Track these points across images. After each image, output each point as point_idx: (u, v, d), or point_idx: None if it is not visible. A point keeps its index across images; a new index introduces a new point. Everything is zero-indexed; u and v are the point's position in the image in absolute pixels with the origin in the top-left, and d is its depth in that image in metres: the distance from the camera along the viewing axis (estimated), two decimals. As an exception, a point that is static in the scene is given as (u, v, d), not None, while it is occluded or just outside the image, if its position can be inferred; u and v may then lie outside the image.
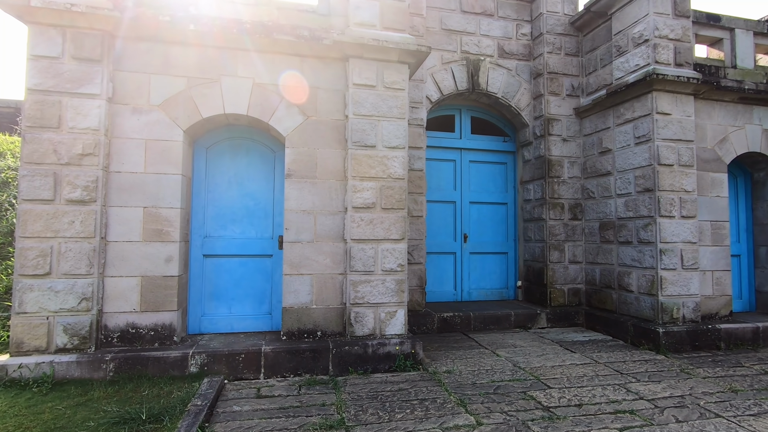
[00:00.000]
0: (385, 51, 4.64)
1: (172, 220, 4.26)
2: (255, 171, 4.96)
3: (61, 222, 3.92)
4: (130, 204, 4.18)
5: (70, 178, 3.95)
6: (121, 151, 4.19)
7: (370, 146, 4.64)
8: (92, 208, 3.99)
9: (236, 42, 4.41)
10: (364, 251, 4.57)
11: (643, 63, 5.68)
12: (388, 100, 4.71)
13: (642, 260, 5.65)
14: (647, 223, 5.58)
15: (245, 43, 4.43)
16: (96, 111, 4.03)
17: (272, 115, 4.55)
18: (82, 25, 4.00)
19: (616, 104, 6.12)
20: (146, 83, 4.28)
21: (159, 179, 4.25)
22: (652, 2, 5.61)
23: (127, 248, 4.16)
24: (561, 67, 6.83)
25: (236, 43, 4.42)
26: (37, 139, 3.92)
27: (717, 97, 5.92)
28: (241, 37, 4.36)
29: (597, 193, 6.49)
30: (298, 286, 4.51)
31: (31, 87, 3.92)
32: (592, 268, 6.60)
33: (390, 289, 4.61)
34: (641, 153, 5.71)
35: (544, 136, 6.74)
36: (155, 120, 4.28)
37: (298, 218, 4.54)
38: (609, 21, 6.38)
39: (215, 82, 4.43)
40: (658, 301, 5.40)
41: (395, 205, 4.66)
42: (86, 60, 4.03)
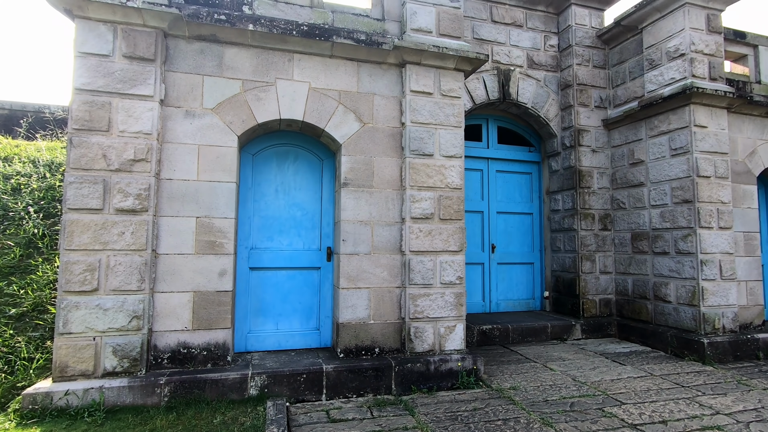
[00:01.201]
0: (443, 58, 4.53)
1: (225, 231, 4.00)
2: (302, 179, 4.74)
3: (110, 233, 3.60)
4: (182, 214, 3.89)
5: (121, 186, 3.65)
6: (173, 156, 3.91)
7: (428, 155, 4.51)
8: (144, 218, 3.69)
9: (294, 44, 4.22)
10: (423, 263, 4.41)
11: (680, 76, 5.78)
12: (445, 108, 4.60)
13: (681, 271, 5.69)
14: (686, 234, 5.63)
15: (303, 46, 4.24)
16: (148, 114, 3.75)
17: (328, 121, 4.36)
18: (136, 22, 3.73)
19: (650, 116, 6.21)
20: (199, 85, 4.03)
21: (213, 187, 3.99)
22: (688, 18, 5.74)
23: (178, 261, 3.86)
24: (589, 79, 6.90)
25: (294, 45, 4.23)
26: (85, 143, 3.61)
27: (747, 111, 6.08)
28: (299, 40, 4.18)
29: (628, 203, 6.55)
30: (356, 300, 4.29)
31: (79, 87, 3.62)
32: (623, 279, 6.62)
33: (449, 303, 4.46)
34: (678, 165, 5.78)
35: (575, 147, 6.77)
36: (209, 124, 4.02)
37: (355, 229, 4.35)
38: (639, 35, 6.49)
39: (271, 86, 4.22)
40: (700, 312, 5.44)
41: (453, 215, 4.53)
42: (139, 59, 3.76)
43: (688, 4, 5.73)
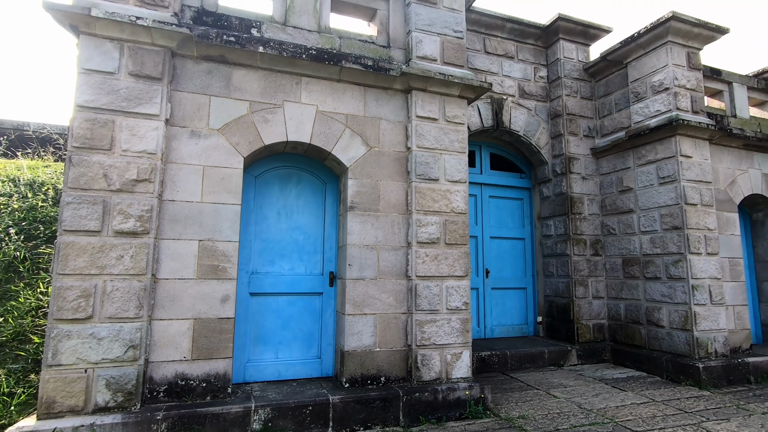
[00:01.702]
0: (448, 85, 4.62)
1: (229, 255, 3.85)
2: (305, 203, 4.65)
3: (108, 257, 3.41)
4: (184, 236, 3.73)
5: (122, 207, 3.48)
6: (176, 177, 3.78)
7: (434, 179, 4.52)
8: (145, 240, 3.51)
9: (302, 67, 4.22)
10: (429, 289, 4.35)
11: (665, 109, 6.08)
12: (450, 134, 4.66)
13: (673, 296, 5.83)
14: (677, 260, 5.80)
15: (311, 69, 4.25)
16: (153, 133, 3.64)
17: (335, 144, 4.33)
18: (145, 41, 3.66)
19: (637, 146, 6.47)
20: (206, 105, 3.95)
21: (217, 210, 3.86)
22: (671, 55, 6.09)
23: (179, 287, 3.67)
24: (578, 110, 7.17)
25: (302, 68, 4.23)
26: (85, 162, 3.44)
27: (726, 143, 6.42)
28: (308, 63, 4.18)
29: (618, 229, 6.72)
30: (361, 327, 4.17)
31: (81, 104, 3.48)
32: (615, 304, 6.72)
33: (455, 329, 4.39)
34: (666, 192, 6.00)
35: (566, 174, 6.95)
36: (214, 145, 3.92)
37: (361, 253, 4.27)
38: (624, 69, 6.83)
39: (278, 108, 4.18)
40: (693, 336, 5.55)
41: (459, 240, 4.52)
42: (146, 78, 3.66)
43: (670, 42, 6.10)
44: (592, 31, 7.31)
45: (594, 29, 7.28)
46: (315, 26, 4.45)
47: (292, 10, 4.38)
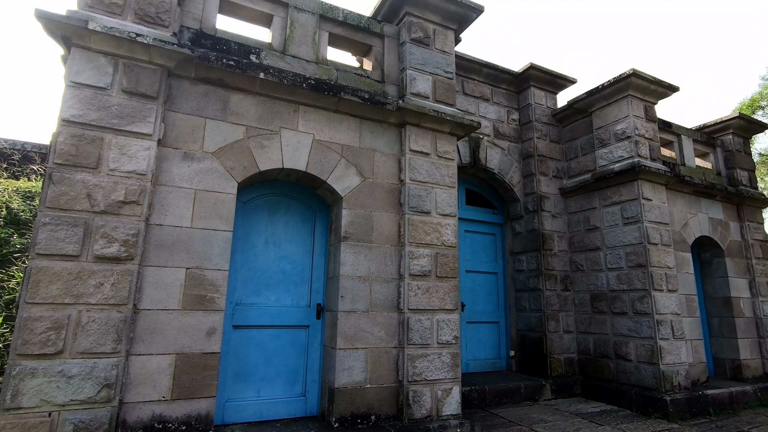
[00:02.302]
0: (440, 122, 4.78)
1: (218, 284, 3.63)
2: (294, 231, 4.53)
3: (86, 284, 3.10)
4: (170, 264, 3.49)
5: (106, 230, 3.21)
6: (166, 200, 3.57)
7: (426, 212, 4.58)
8: (128, 267, 3.25)
9: (301, 96, 4.21)
10: (421, 322, 4.30)
11: (627, 155, 6.60)
12: (441, 168, 4.77)
13: (640, 330, 6.13)
14: (642, 296, 6.14)
15: (310, 99, 4.25)
16: (145, 153, 3.44)
17: (331, 173, 4.30)
18: (142, 58, 3.52)
19: (602, 188, 6.93)
20: (201, 128, 3.81)
21: (207, 236, 3.66)
22: (631, 107, 6.69)
23: (161, 318, 3.39)
24: (547, 152, 7.62)
25: (300, 97, 4.22)
26: (68, 180, 3.18)
27: (679, 189, 7.03)
28: (307, 92, 4.19)
29: (586, 266, 7.06)
30: (352, 362, 4.02)
31: (68, 118, 3.25)
32: (584, 338, 6.95)
33: (446, 364, 4.34)
34: (631, 232, 6.43)
35: (537, 212, 7.28)
36: (208, 168, 3.77)
37: (354, 285, 4.18)
38: (589, 117, 7.40)
39: (275, 134, 4.11)
40: (660, 370, 5.82)
41: (449, 273, 4.55)
42: (140, 95, 3.50)
43: (631, 95, 6.71)
44: (559, 80, 7.90)
45: (561, 79, 7.88)
46: (313, 57, 4.50)
47: (292, 40, 4.42)
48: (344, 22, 4.75)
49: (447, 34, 5.20)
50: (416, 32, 4.95)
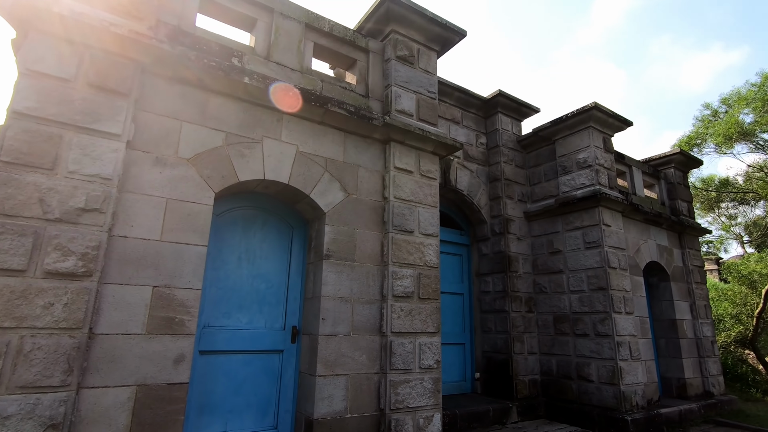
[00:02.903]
0: (424, 140, 4.74)
1: (189, 305, 3.25)
2: (269, 248, 4.22)
3: (32, 305, 2.63)
4: (134, 281, 3.07)
5: (61, 241, 2.77)
6: (132, 210, 3.17)
7: (409, 231, 4.46)
8: (85, 285, 2.81)
9: (286, 104, 3.99)
10: (404, 346, 4.12)
11: (589, 183, 6.94)
12: (424, 187, 4.71)
13: (601, 352, 6.33)
14: (603, 318, 6.38)
15: (295, 108, 4.04)
16: (111, 155, 3.05)
17: (314, 187, 4.08)
18: (113, 50, 3.15)
19: (565, 213, 7.21)
20: (176, 131, 3.47)
21: (178, 251, 3.28)
22: (592, 138, 7.08)
23: (121, 344, 2.95)
24: (513, 176, 7.86)
25: (286, 105, 4.00)
26: (16, 182, 2.72)
27: (632, 216, 7.49)
28: (293, 101, 3.97)
29: (549, 288, 7.25)
30: (333, 390, 3.74)
31: (21, 110, 2.81)
32: (547, 359, 7.08)
33: (428, 390, 4.17)
34: (592, 256, 6.70)
35: (504, 234, 7.42)
36: (182, 176, 3.41)
37: (335, 306, 3.93)
38: (552, 145, 7.74)
39: (257, 143, 3.84)
40: (620, 390, 6.02)
41: (431, 294, 4.44)
42: (109, 91, 3.12)
43: (591, 127, 7.11)
44: (524, 109, 8.24)
45: (526, 107, 8.22)
46: (298, 66, 4.31)
47: (276, 46, 4.21)
48: (330, 33, 4.62)
49: (430, 55, 5.22)
50: (402, 50, 4.92)
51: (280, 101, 3.94)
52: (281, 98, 3.93)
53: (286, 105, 3.99)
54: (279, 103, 3.95)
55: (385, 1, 4.73)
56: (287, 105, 4.00)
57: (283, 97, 3.92)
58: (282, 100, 3.94)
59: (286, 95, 3.90)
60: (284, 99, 3.94)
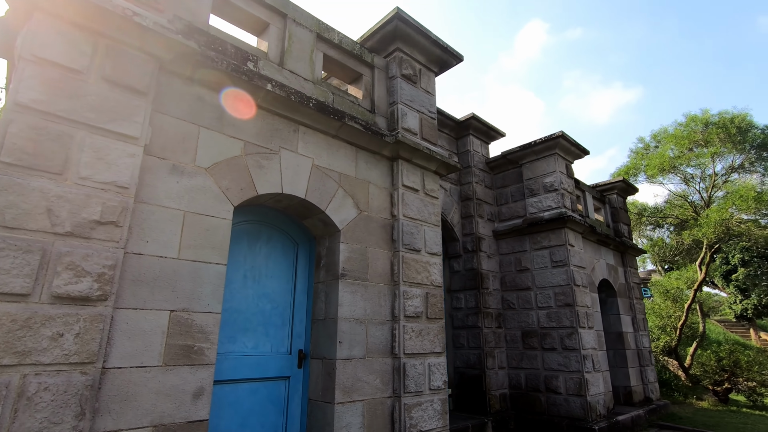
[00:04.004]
0: (429, 159, 4.77)
1: (208, 331, 2.91)
2: (275, 266, 3.95)
3: (37, 336, 2.19)
4: (150, 305, 2.69)
5: (74, 259, 2.35)
6: (147, 223, 2.79)
7: (417, 250, 4.43)
8: (100, 311, 2.40)
9: (303, 116, 3.80)
10: (415, 367, 4.05)
11: (555, 206, 7.44)
12: (428, 206, 4.72)
13: (568, 365, 6.72)
14: (570, 333, 6.80)
15: (311, 120, 3.86)
16: (128, 160, 2.68)
17: (329, 203, 3.91)
18: (132, 42, 2.79)
19: (533, 233, 7.63)
20: (194, 137, 3.14)
21: (197, 270, 2.94)
22: (557, 164, 7.62)
23: (136, 379, 2.55)
24: (483, 196, 8.18)
25: (302, 116, 3.81)
26: (19, 188, 2.27)
27: (588, 237, 8.13)
28: (311, 113, 3.80)
29: (518, 304, 7.58)
30: (350, 418, 3.55)
31: (26, 103, 2.37)
32: (516, 373, 7.36)
33: (437, 412, 4.12)
34: (559, 274, 7.15)
35: (476, 252, 7.66)
36: (200, 186, 3.09)
37: (351, 328, 3.76)
38: (519, 168, 8.20)
39: (275, 155, 3.60)
40: (587, 401, 6.42)
41: (437, 314, 4.42)
42: (126, 88, 2.75)
43: (557, 153, 7.66)
44: (493, 132, 8.66)
45: (494, 132, 8.66)
46: (310, 75, 4.14)
47: (289, 53, 4.01)
48: (339, 45, 4.52)
49: (430, 76, 5.31)
50: (407, 69, 4.95)
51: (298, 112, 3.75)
52: (298, 108, 3.74)
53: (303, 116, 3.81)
54: (297, 113, 3.75)
55: (393, 20, 4.74)
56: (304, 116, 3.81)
57: (302, 109, 3.74)
58: (300, 111, 3.75)
59: (304, 106, 3.72)
60: (303, 110, 3.75)
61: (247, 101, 3.50)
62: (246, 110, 3.50)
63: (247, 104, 3.51)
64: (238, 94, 3.42)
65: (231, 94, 3.40)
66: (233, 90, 3.38)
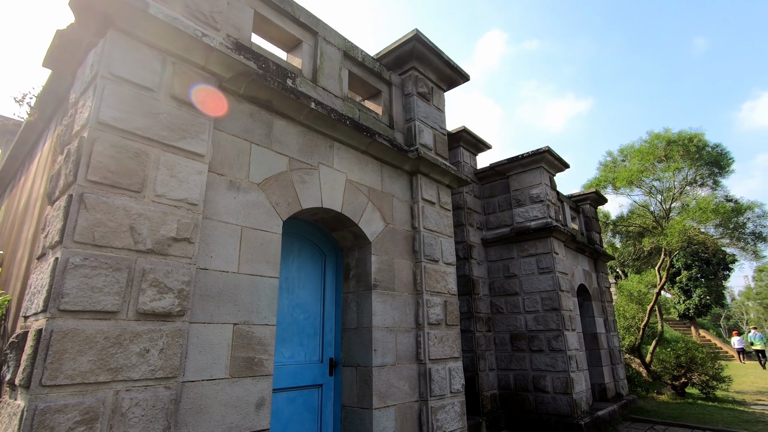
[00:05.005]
0: (444, 174, 5.04)
1: (266, 342, 3.01)
2: (306, 276, 4.07)
3: (127, 353, 2.23)
4: (216, 319, 2.76)
5: (157, 276, 2.40)
6: (211, 238, 2.86)
7: (435, 260, 4.68)
8: (178, 326, 2.46)
9: (338, 132, 3.96)
10: (439, 372, 4.29)
11: (541, 216, 7.94)
12: (444, 218, 4.99)
13: (555, 365, 7.20)
14: (557, 335, 7.29)
15: (346, 136, 4.02)
16: (197, 178, 2.74)
17: (361, 216, 4.08)
18: (196, 61, 2.86)
19: (520, 241, 8.10)
20: (246, 153, 3.23)
21: (254, 283, 3.03)
22: (542, 177, 8.14)
23: (207, 392, 2.62)
24: (473, 205, 8.57)
25: (338, 133, 3.96)
26: (105, 206, 2.30)
27: (569, 245, 8.71)
28: (347, 130, 3.96)
29: (506, 309, 8.01)
30: (386, 422, 3.73)
31: (107, 121, 2.40)
32: (505, 374, 7.77)
33: (458, 414, 4.37)
34: (545, 280, 7.64)
35: (468, 259, 8.03)
36: (254, 202, 3.18)
37: (384, 337, 3.95)
38: (506, 179, 8.66)
39: (314, 170, 3.73)
40: (573, 399, 6.91)
41: (455, 321, 4.69)
42: (191, 106, 2.81)
43: (542, 167, 8.18)
44: (480, 144, 9.09)
45: (482, 144, 9.08)
46: (339, 92, 4.30)
47: (321, 71, 4.15)
48: (362, 62, 4.70)
49: (440, 93, 5.59)
50: (422, 87, 5.20)
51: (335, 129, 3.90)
52: (335, 125, 3.89)
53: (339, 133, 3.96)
54: (333, 130, 3.90)
55: (412, 40, 4.98)
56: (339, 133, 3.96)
57: (339, 125, 3.89)
58: (337, 128, 3.91)
59: (342, 123, 3.88)
60: (340, 127, 3.91)
61: (291, 118, 3.61)
62: (290, 127, 3.61)
63: (291, 121, 3.62)
64: (283, 111, 3.53)
65: (277, 111, 3.50)
66: (279, 107, 3.49)
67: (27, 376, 1.96)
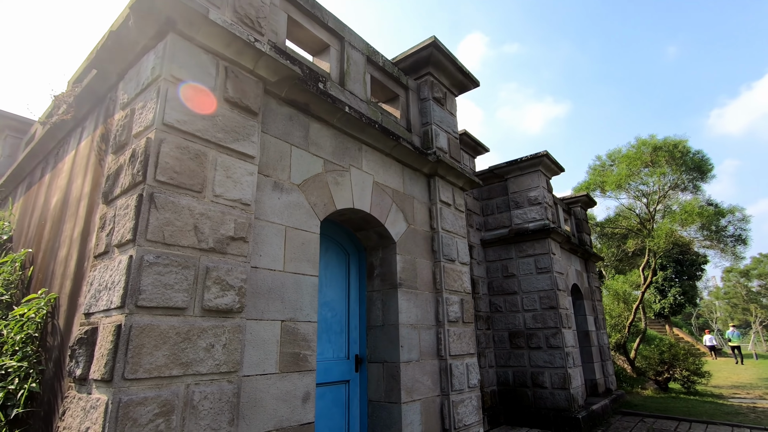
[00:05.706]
0: (458, 176, 5.22)
1: (309, 339, 3.11)
2: (332, 275, 4.18)
3: (195, 347, 2.31)
4: (266, 316, 2.85)
5: (220, 274, 2.48)
6: (260, 238, 2.95)
7: (452, 260, 4.85)
8: (238, 322, 2.55)
9: (367, 135, 4.08)
10: (458, 368, 4.45)
11: (539, 217, 8.22)
12: (459, 220, 5.16)
13: (553, 362, 7.48)
14: (555, 333, 7.57)
15: (373, 139, 4.14)
16: (249, 179, 2.83)
17: (387, 217, 4.21)
18: (246, 65, 2.94)
19: (518, 242, 8.36)
20: (287, 155, 3.32)
21: (298, 281, 3.13)
22: (540, 180, 8.43)
23: (261, 386, 2.71)
24: (473, 207, 8.79)
25: (366, 136, 4.08)
26: (173, 206, 2.37)
27: (563, 246, 9.03)
28: (375, 133, 4.09)
29: (504, 307, 8.26)
30: (413, 416, 3.88)
31: (172, 123, 2.47)
32: (504, 371, 8.01)
33: (475, 407, 4.55)
34: (543, 280, 7.92)
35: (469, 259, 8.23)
36: (295, 202, 3.27)
37: (408, 333, 4.09)
38: (504, 182, 8.92)
39: (346, 171, 3.84)
40: (570, 393, 7.20)
41: (470, 318, 4.86)
42: (243, 109, 2.89)
43: (540, 170, 8.47)
44: (479, 148, 9.33)
45: (481, 147, 9.32)
46: (364, 96, 4.42)
47: (348, 75, 4.27)
48: (382, 67, 4.83)
49: (453, 98, 5.77)
50: (437, 92, 5.36)
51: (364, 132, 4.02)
52: (365, 128, 4.01)
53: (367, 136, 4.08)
54: (362, 133, 4.02)
55: (429, 47, 5.13)
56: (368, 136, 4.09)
57: (368, 129, 4.01)
58: (366, 131, 4.03)
59: (371, 127, 4.00)
60: (369, 130, 4.03)
61: (326, 121, 3.72)
62: (324, 130, 3.71)
63: (325, 124, 3.73)
64: (319, 114, 3.63)
65: (313, 114, 3.60)
66: (315, 111, 3.59)
67: (109, 370, 2.02)
